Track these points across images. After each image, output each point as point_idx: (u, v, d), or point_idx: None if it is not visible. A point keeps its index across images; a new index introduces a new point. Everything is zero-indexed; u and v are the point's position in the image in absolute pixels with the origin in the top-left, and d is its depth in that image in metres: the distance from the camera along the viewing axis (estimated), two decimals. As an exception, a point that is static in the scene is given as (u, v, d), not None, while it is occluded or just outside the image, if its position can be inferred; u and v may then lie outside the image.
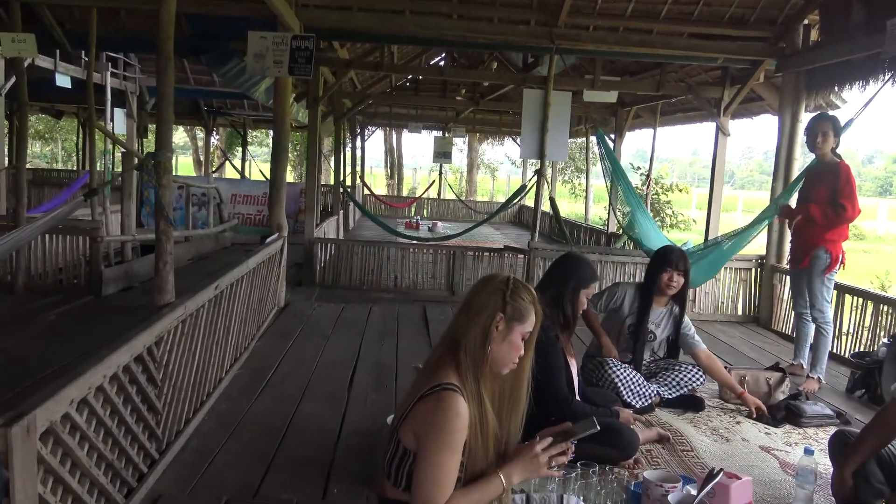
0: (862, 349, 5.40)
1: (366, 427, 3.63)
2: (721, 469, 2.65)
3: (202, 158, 24.54)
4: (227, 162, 19.50)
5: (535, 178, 7.74)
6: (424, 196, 20.53)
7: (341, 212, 12.63)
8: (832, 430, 4.06)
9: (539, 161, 7.44)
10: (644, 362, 4.41)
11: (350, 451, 3.34)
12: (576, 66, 10.10)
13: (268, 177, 17.10)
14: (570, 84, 8.59)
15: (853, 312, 5.73)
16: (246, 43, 5.76)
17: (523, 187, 9.48)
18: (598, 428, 2.27)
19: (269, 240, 5.80)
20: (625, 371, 4.14)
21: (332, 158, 13.39)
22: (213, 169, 17.96)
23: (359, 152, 18.33)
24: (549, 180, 12.72)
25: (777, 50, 6.72)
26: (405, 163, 30.90)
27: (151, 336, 2.75)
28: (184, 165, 33.75)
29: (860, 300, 5.69)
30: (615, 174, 7.67)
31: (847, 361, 5.34)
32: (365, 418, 3.77)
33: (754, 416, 4.13)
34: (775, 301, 6.77)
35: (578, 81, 9.01)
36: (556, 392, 3.23)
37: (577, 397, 3.45)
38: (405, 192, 27.50)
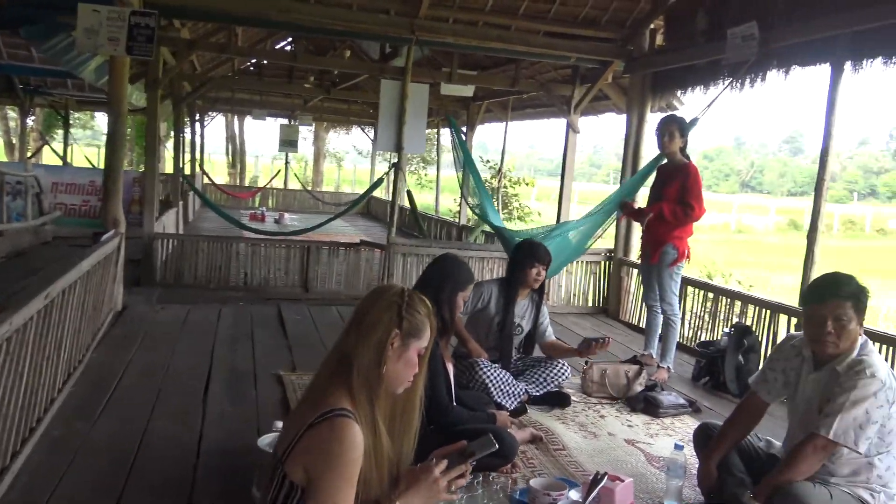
0: (706, 339, 5.76)
1: (228, 445, 3.32)
2: (605, 473, 2.65)
3: (14, 141, 22.06)
4: (46, 146, 17.64)
5: (392, 171, 7.58)
6: (269, 186, 19.73)
7: (181, 203, 11.81)
8: (687, 418, 4.28)
9: (396, 153, 7.30)
10: (512, 360, 4.42)
11: (212, 473, 3.02)
12: (429, 58, 10.05)
13: (94, 164, 15.83)
14: (428, 76, 8.50)
15: (695, 303, 6.11)
16: (75, 16, 5.14)
17: (381, 180, 9.31)
18: (497, 446, 2.17)
19: (104, 237, 5.22)
20: (494, 371, 4.11)
21: (170, 145, 12.50)
22: (30, 154, 16.17)
23: (198, 139, 17.26)
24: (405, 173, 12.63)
25: (625, 52, 7.00)
26: (246, 151, 29.60)
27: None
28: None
29: (703, 292, 6.07)
30: (466, 165, 7.67)
31: (692, 350, 5.66)
32: (225, 434, 3.46)
33: (600, 348, 4.11)
34: (623, 293, 7.09)
35: (436, 74, 8.95)
36: (437, 400, 3.11)
37: (454, 402, 3.36)
38: (248, 182, 26.35)
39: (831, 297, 2.69)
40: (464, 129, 12.65)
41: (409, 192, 8.51)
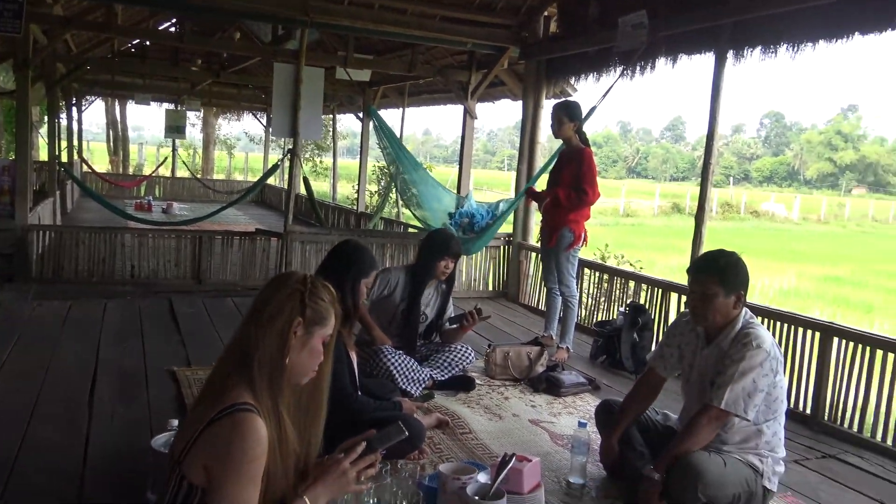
0: (602, 319, 5.95)
1: (118, 448, 3.12)
2: (514, 454, 2.66)
3: None
4: None
5: (288, 158, 7.36)
6: (155, 174, 18.79)
7: (58, 193, 11.04)
8: (587, 396, 4.40)
9: (291, 140, 7.09)
10: (416, 346, 4.39)
11: (102, 478, 2.83)
12: (323, 42, 9.82)
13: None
14: (323, 60, 8.30)
15: (591, 285, 6.29)
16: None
17: (276, 167, 9.03)
18: (406, 434, 2.14)
19: (-30, 229, 4.79)
20: (399, 358, 4.07)
21: (44, 132, 11.64)
22: None
23: (75, 125, 16.18)
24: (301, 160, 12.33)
25: (521, 38, 7.08)
26: (129, 137, 28.08)
27: None
28: None
29: (599, 273, 6.25)
30: (397, 151, 7.45)
31: (590, 330, 5.83)
32: (114, 437, 3.25)
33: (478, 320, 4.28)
34: (522, 277, 7.21)
35: (331, 58, 8.75)
36: (340, 389, 3.04)
37: (358, 391, 3.30)
38: (132, 171, 25.01)
39: (697, 272, 2.91)
40: (360, 114, 12.49)
41: (305, 179, 8.30)
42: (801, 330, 4.29)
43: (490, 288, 7.54)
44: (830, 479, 3.42)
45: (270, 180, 14.28)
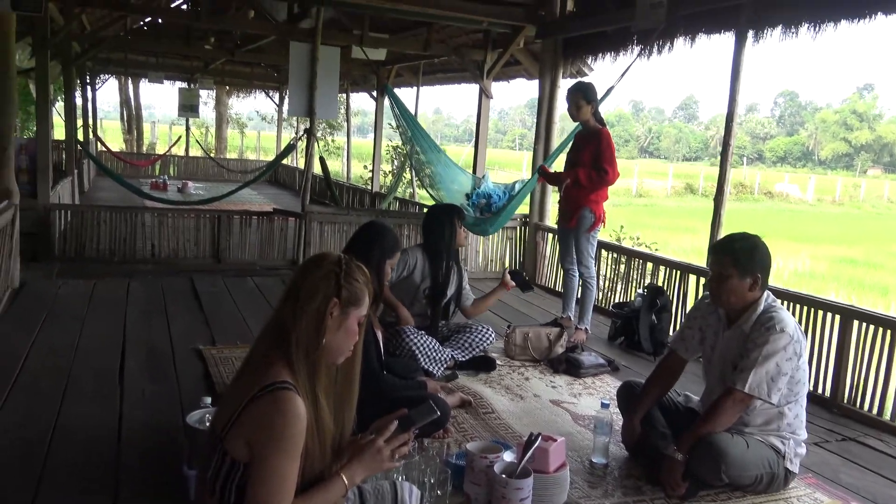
0: (620, 300, 5.97)
1: (152, 424, 3.19)
2: (539, 434, 2.71)
3: None
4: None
5: (304, 138, 7.38)
6: (170, 154, 18.86)
7: (76, 171, 11.12)
8: (607, 377, 4.45)
9: (307, 119, 7.10)
10: (439, 326, 4.44)
11: (137, 453, 2.90)
12: (335, 19, 9.78)
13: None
14: (339, 39, 8.28)
15: (608, 266, 6.30)
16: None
17: (292, 146, 9.04)
18: (438, 413, 2.19)
19: (-4, 209, 4.86)
20: (421, 338, 4.12)
21: (58, 110, 11.69)
22: None
23: (90, 104, 16.23)
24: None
25: (537, 17, 7.03)
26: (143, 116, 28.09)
27: None
28: None
29: (615, 255, 6.27)
30: (414, 130, 7.43)
31: (607, 312, 5.85)
32: (147, 414, 3.32)
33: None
34: (539, 257, 7.23)
35: (347, 36, 8.72)
36: (368, 368, 3.08)
37: (384, 370, 3.36)
38: (145, 149, 25.07)
39: (714, 253, 3.03)
40: (373, 93, 12.45)
41: (322, 160, 8.33)
42: (820, 313, 4.30)
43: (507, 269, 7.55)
44: (851, 461, 3.45)
45: (284, 160, 14.30)
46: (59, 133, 12.94)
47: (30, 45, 8.54)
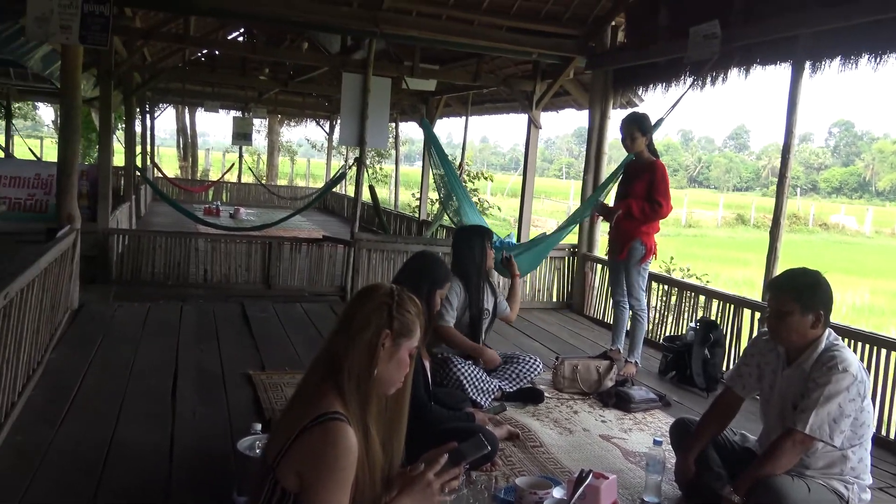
0: (671, 333, 5.85)
1: (202, 448, 3.23)
2: (590, 471, 2.65)
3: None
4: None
5: (354, 165, 7.48)
6: (222, 180, 19.34)
7: (133, 197, 11.47)
8: (658, 413, 4.34)
9: (357, 147, 7.21)
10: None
11: (188, 478, 2.94)
12: (385, 51, 9.95)
13: (38, 156, 15.24)
14: (389, 70, 8.41)
15: (658, 299, 6.19)
16: (24, 3, 4.93)
17: (342, 174, 9.18)
18: (489, 448, 2.16)
19: (59, 233, 5.02)
20: (469, 368, 4.10)
21: (118, 138, 12.11)
22: (-31, 146, 15.46)
23: (148, 132, 16.78)
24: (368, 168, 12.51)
25: (587, 48, 7.04)
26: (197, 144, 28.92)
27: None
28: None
29: (667, 287, 6.16)
30: (443, 164, 7.54)
31: (657, 345, 5.74)
32: (199, 438, 3.36)
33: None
34: (587, 288, 7.15)
35: (397, 67, 8.86)
36: (415, 399, 3.07)
37: (431, 401, 3.34)
38: (199, 175, 25.76)
39: (774, 289, 2.89)
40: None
41: (371, 188, 8.43)
42: (884, 351, 4.14)
43: (554, 299, 7.50)
44: (917, 508, 3.29)
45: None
46: (118, 159, 13.40)
47: (94, 75, 8.90)
